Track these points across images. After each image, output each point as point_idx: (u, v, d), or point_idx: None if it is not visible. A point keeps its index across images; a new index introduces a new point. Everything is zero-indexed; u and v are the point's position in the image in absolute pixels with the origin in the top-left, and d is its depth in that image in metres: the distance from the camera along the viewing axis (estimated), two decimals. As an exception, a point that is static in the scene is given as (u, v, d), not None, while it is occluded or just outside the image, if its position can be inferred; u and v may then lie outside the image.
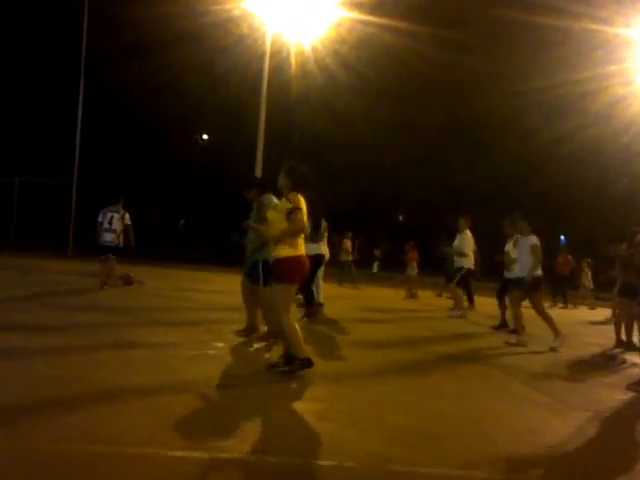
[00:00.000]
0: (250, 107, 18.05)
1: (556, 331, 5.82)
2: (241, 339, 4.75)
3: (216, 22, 17.76)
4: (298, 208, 3.57)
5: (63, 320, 5.12)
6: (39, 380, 3.06)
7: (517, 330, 5.96)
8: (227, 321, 5.77)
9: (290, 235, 3.59)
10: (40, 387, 2.94)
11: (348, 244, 13.50)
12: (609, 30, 17.69)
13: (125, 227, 8.37)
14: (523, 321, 5.98)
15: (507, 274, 6.81)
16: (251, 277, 4.69)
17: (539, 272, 5.89)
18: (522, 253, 6.03)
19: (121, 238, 8.32)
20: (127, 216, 8.43)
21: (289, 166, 3.77)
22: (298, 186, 3.69)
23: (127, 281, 8.83)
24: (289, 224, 3.58)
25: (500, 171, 22.49)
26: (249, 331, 4.87)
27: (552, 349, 5.66)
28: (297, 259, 3.62)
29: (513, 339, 5.93)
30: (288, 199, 3.62)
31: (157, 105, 20.04)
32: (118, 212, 8.31)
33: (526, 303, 6.02)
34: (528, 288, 5.83)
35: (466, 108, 22.48)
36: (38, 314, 5.35)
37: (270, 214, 3.77)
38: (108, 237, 8.22)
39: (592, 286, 13.61)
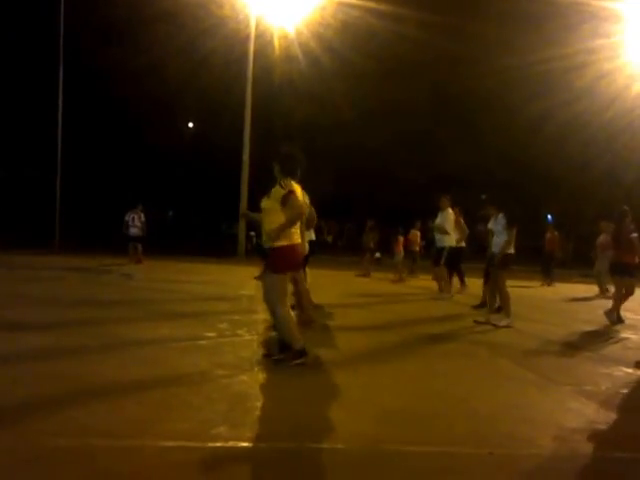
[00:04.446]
0: (233, 91, 17.72)
1: (508, 313, 5.84)
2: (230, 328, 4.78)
3: (198, 3, 17.28)
4: (292, 192, 3.51)
5: (53, 316, 5.10)
6: (31, 376, 3.07)
7: (505, 310, 5.90)
8: (218, 311, 5.80)
9: (290, 223, 3.50)
10: (33, 383, 2.94)
11: (417, 235, 13.27)
12: (596, 3, 17.54)
13: (141, 223, 12.12)
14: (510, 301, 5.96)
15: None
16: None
17: (511, 250, 5.95)
18: (497, 231, 6.09)
19: (144, 230, 12.07)
20: (142, 215, 12.17)
21: (277, 152, 3.71)
22: (288, 170, 3.63)
23: (138, 260, 11.89)
24: (287, 210, 3.48)
25: (485, 149, 22.51)
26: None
27: (493, 324, 5.70)
28: (291, 248, 3.57)
29: (503, 320, 5.78)
30: (281, 185, 3.56)
31: (138, 91, 19.57)
32: (137, 213, 12.10)
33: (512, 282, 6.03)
34: (498, 265, 5.89)
35: (450, 87, 22.34)
36: (27, 310, 5.31)
37: (264, 202, 3.65)
38: (133, 231, 11.94)
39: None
